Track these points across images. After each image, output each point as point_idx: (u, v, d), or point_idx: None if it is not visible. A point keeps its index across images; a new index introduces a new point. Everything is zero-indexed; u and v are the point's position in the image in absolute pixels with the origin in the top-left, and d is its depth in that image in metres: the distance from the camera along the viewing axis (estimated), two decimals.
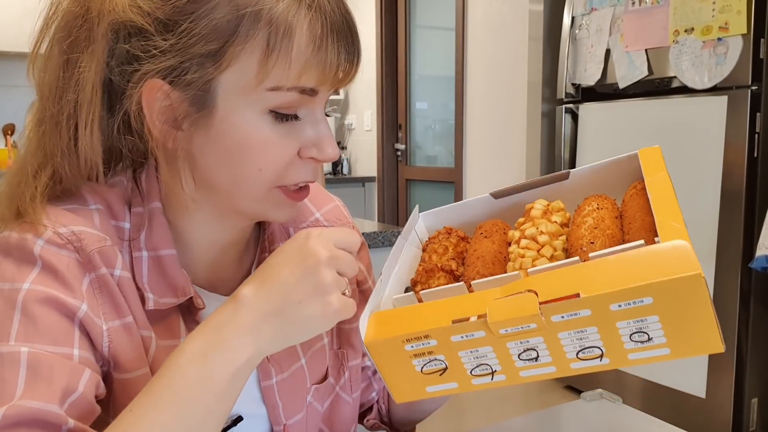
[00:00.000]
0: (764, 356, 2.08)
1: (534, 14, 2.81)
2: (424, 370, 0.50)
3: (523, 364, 0.48)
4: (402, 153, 4.14)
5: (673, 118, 2.14)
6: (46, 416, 0.46)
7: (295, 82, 0.51)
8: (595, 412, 0.85)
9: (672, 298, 0.43)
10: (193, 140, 0.54)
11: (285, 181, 0.56)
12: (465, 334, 0.47)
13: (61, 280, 0.52)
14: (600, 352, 0.46)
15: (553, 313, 0.45)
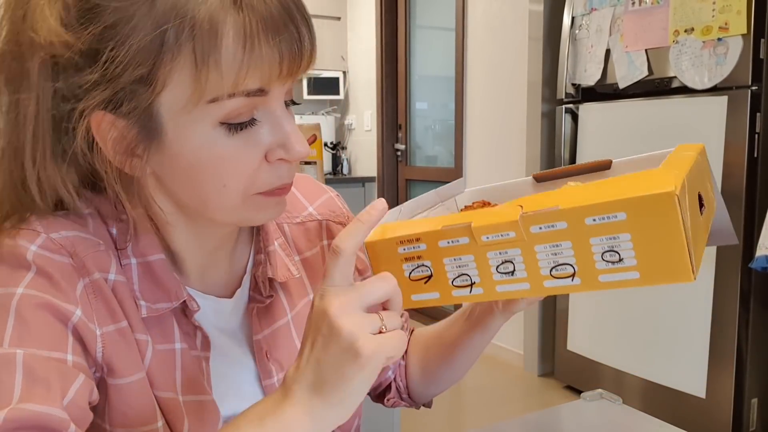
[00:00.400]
0: (764, 356, 2.08)
1: (534, 14, 2.81)
2: (411, 276, 0.53)
3: (500, 277, 0.50)
4: (402, 153, 4.14)
5: (673, 118, 2.14)
6: (48, 420, 0.46)
7: (235, 87, 0.48)
8: (595, 412, 0.85)
9: (644, 216, 0.43)
10: (152, 165, 0.52)
11: (258, 188, 0.54)
12: (451, 239, 0.50)
13: (55, 285, 0.51)
14: (572, 270, 0.47)
15: (532, 223, 0.46)
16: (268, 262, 0.65)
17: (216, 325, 0.63)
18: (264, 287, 0.65)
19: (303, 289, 0.70)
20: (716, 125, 2.00)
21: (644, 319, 2.30)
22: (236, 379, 0.63)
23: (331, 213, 0.74)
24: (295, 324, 0.68)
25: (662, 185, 0.42)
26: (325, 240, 0.73)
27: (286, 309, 0.67)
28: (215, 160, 0.51)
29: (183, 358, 0.59)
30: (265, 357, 0.64)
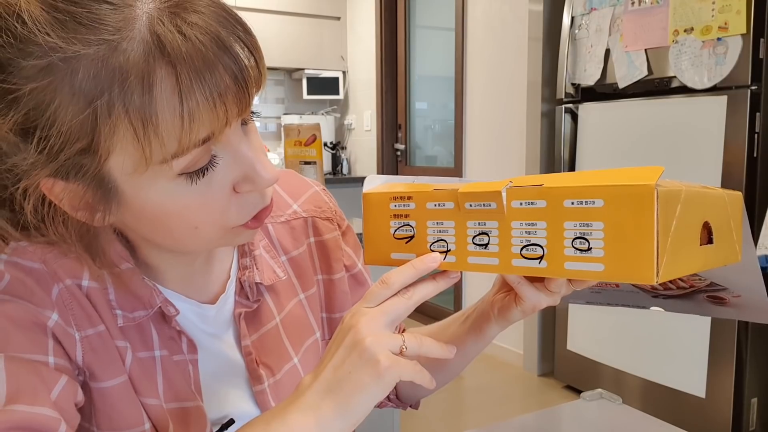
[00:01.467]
0: (764, 356, 2.08)
1: (534, 14, 2.80)
2: (396, 234, 0.55)
3: (473, 248, 0.51)
4: (402, 153, 4.14)
5: (673, 118, 2.14)
6: (40, 420, 0.46)
7: (181, 147, 0.44)
8: (595, 411, 0.85)
9: (620, 207, 0.43)
10: (115, 216, 0.50)
11: (234, 222, 0.51)
12: (438, 202, 0.52)
13: (30, 291, 0.51)
14: (541, 252, 0.47)
15: (515, 197, 0.48)
16: (255, 266, 0.64)
17: (202, 329, 0.62)
18: (251, 292, 0.64)
19: (291, 290, 0.69)
20: (716, 125, 2.00)
21: (644, 318, 2.30)
22: (225, 384, 0.62)
23: (316, 209, 0.73)
24: (284, 326, 0.67)
25: (644, 179, 0.42)
26: (312, 237, 0.72)
27: (274, 312, 0.67)
28: (181, 209, 0.49)
29: (164, 364, 0.58)
30: (254, 362, 0.63)
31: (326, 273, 0.72)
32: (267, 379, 0.64)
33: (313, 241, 0.72)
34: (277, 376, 0.64)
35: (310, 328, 0.70)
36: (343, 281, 0.73)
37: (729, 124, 1.96)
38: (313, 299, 0.71)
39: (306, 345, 0.68)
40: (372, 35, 4.18)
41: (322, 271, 0.72)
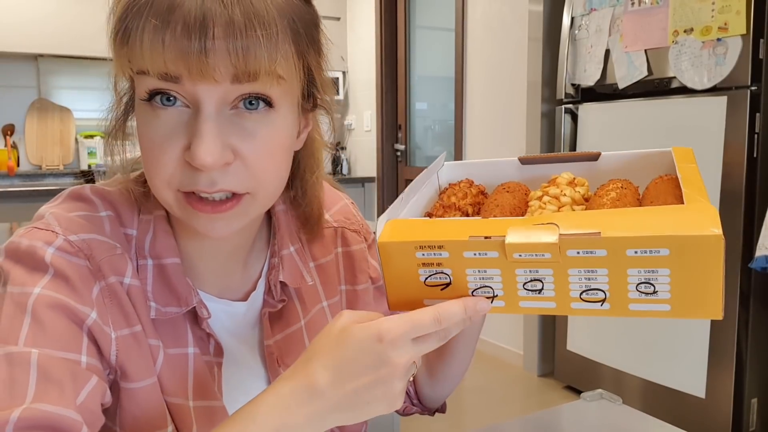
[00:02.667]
0: (764, 356, 2.08)
1: (533, 15, 2.81)
2: (427, 282, 0.50)
3: (525, 294, 0.48)
4: (402, 153, 4.14)
5: (673, 118, 2.14)
6: (61, 421, 0.46)
7: (138, 65, 0.49)
8: (595, 412, 0.85)
9: (688, 255, 0.43)
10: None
11: (178, 185, 0.52)
12: (479, 251, 0.47)
13: (72, 287, 0.52)
14: (603, 296, 0.46)
15: (571, 246, 0.45)
16: (281, 266, 0.65)
17: (229, 329, 0.63)
18: (275, 291, 0.65)
19: (316, 296, 0.70)
20: (716, 125, 2.00)
21: (644, 319, 2.30)
22: (246, 384, 0.63)
23: (346, 220, 0.74)
24: (308, 330, 0.68)
25: (709, 225, 0.42)
26: (340, 247, 0.73)
27: (300, 315, 0.67)
28: (143, 138, 0.53)
29: (195, 362, 0.59)
30: (275, 363, 0.64)
31: (350, 284, 0.73)
32: None
33: (341, 251, 0.73)
34: None
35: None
36: (368, 293, 0.74)
37: (729, 124, 1.96)
38: (335, 308, 0.72)
39: None
40: (372, 35, 4.18)
41: (346, 282, 0.73)
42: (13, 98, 3.75)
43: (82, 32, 3.41)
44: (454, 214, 0.59)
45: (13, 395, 0.46)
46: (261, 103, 0.52)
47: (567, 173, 0.62)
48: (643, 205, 0.57)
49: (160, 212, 0.59)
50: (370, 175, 4.31)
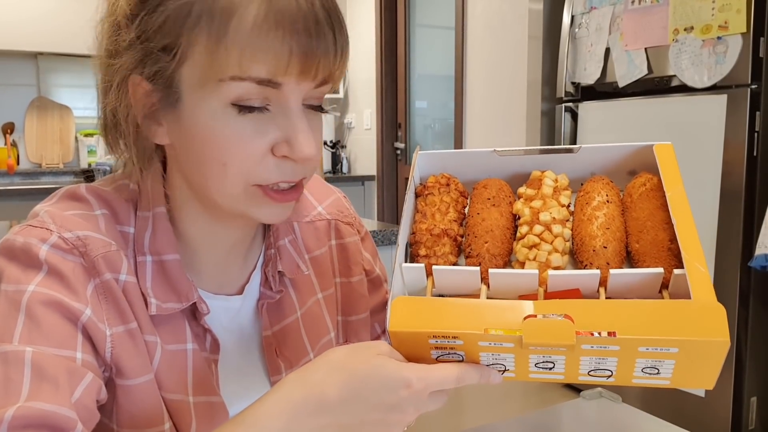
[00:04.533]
0: (763, 355, 2.08)
1: (533, 13, 2.80)
2: (439, 359, 0.52)
3: (536, 370, 0.51)
4: (401, 152, 4.14)
5: (673, 117, 2.14)
6: (56, 419, 0.46)
7: (241, 71, 0.49)
8: (595, 410, 0.85)
9: (695, 353, 0.47)
10: (170, 135, 0.54)
11: (258, 179, 0.53)
12: (494, 342, 0.49)
13: (66, 285, 0.52)
14: (609, 374, 0.50)
15: (585, 343, 0.47)
16: (279, 256, 0.66)
17: (226, 325, 0.63)
18: (274, 282, 0.65)
19: (311, 288, 0.70)
20: (716, 124, 1.99)
21: None
22: (245, 378, 0.63)
23: (339, 213, 0.75)
24: (304, 321, 0.68)
25: (718, 331, 0.46)
26: (334, 240, 0.74)
27: (296, 306, 0.68)
28: (220, 138, 0.51)
29: (194, 358, 0.59)
30: (274, 353, 0.64)
31: (345, 276, 0.74)
32: (285, 370, 0.65)
33: (334, 244, 0.74)
34: (294, 368, 0.65)
35: (325, 328, 0.71)
36: (362, 284, 0.74)
37: (729, 123, 1.96)
38: (330, 300, 0.72)
39: (321, 343, 0.70)
40: (372, 34, 4.17)
41: (340, 274, 0.74)
42: (13, 96, 3.75)
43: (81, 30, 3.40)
44: (444, 243, 0.59)
45: (8, 394, 0.46)
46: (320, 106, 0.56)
47: (549, 175, 0.61)
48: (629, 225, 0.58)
49: (161, 208, 0.59)
50: (369, 174, 4.31)
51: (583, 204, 0.59)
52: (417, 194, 0.65)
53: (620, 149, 0.63)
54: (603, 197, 0.58)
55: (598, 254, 0.55)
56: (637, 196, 0.59)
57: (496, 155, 0.65)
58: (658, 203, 0.57)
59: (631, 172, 0.64)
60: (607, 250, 0.55)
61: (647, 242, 0.55)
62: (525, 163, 0.65)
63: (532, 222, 0.58)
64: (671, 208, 0.54)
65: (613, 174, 0.64)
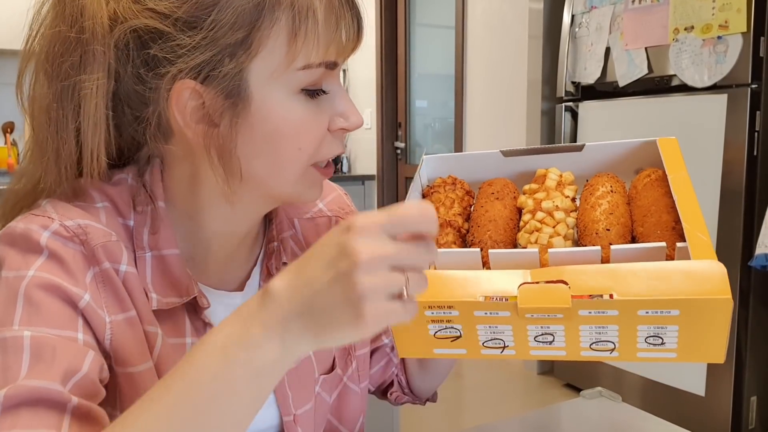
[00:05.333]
0: (763, 354, 2.08)
1: (534, 12, 2.80)
2: (437, 335, 0.51)
3: (536, 344, 0.50)
4: (402, 151, 4.14)
5: (673, 116, 2.14)
6: (48, 395, 0.46)
7: (322, 57, 0.53)
8: (595, 410, 0.85)
9: (698, 315, 0.45)
10: (230, 133, 0.53)
11: (320, 156, 0.57)
12: (490, 311, 0.48)
13: (66, 270, 0.52)
14: (612, 347, 0.48)
15: (583, 307, 0.46)
16: (282, 250, 0.66)
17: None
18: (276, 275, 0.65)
19: None
20: (716, 123, 1.99)
21: None
22: None
23: (340, 210, 0.75)
24: None
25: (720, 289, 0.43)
26: None
27: None
28: (295, 124, 0.54)
29: None
30: None
31: None
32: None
33: None
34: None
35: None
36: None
37: (729, 122, 1.96)
38: None
39: None
40: (372, 33, 4.17)
41: None
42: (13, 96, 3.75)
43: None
44: (447, 232, 0.59)
45: (6, 377, 0.46)
46: None
47: (554, 171, 0.62)
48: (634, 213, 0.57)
49: (159, 204, 0.59)
50: (370, 173, 4.31)
51: (587, 195, 0.59)
52: (423, 195, 0.65)
53: (625, 146, 0.63)
54: (607, 188, 0.58)
55: (600, 236, 0.54)
56: (641, 187, 0.59)
57: (501, 156, 0.66)
58: (663, 191, 0.56)
59: (637, 171, 0.64)
60: (610, 233, 0.54)
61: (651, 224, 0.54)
62: (531, 163, 0.65)
63: (534, 210, 0.58)
64: (673, 188, 0.53)
65: (621, 172, 0.63)
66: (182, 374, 0.42)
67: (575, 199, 0.61)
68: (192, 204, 0.59)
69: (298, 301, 0.41)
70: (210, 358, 0.42)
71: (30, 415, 0.45)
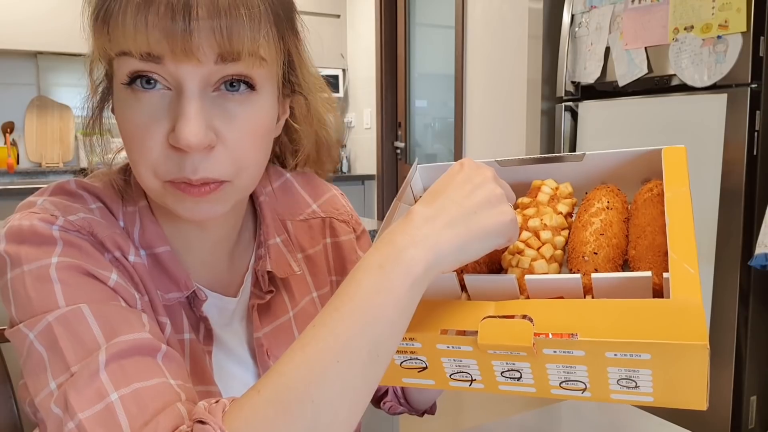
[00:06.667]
0: (763, 354, 2.08)
1: (534, 12, 2.80)
2: (403, 365, 0.50)
3: (504, 380, 0.47)
4: (401, 151, 4.13)
5: (673, 116, 2.14)
6: (142, 343, 0.48)
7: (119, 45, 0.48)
8: (595, 409, 0.85)
9: (671, 360, 0.41)
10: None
11: (164, 174, 0.51)
12: (451, 345, 0.47)
13: (86, 254, 0.52)
14: (583, 386, 0.45)
15: (546, 346, 0.44)
16: (268, 256, 0.65)
17: (218, 323, 0.63)
18: (263, 282, 0.64)
19: (306, 287, 0.69)
20: (716, 123, 1.99)
21: None
22: (237, 377, 0.63)
23: (334, 210, 0.74)
24: (297, 322, 0.67)
25: (694, 333, 0.39)
26: (329, 238, 0.73)
27: (288, 306, 0.67)
28: (126, 122, 0.51)
29: (192, 348, 0.59)
30: (265, 355, 0.64)
31: (340, 274, 0.73)
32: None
33: (329, 242, 0.73)
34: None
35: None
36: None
37: (729, 122, 1.96)
38: (325, 299, 0.71)
39: None
40: (372, 33, 4.17)
41: (336, 273, 0.73)
42: (13, 96, 3.74)
43: (81, 30, 3.40)
44: None
45: (86, 346, 0.47)
46: (243, 85, 0.51)
47: (549, 183, 0.59)
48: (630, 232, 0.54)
49: (144, 203, 0.59)
50: (369, 173, 4.31)
51: (582, 212, 0.56)
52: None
53: (630, 154, 0.59)
54: (603, 203, 0.55)
55: (587, 261, 0.51)
56: (641, 203, 0.55)
57: (498, 166, 0.63)
58: (662, 209, 0.53)
59: (644, 181, 0.60)
60: (598, 257, 0.51)
61: (643, 247, 0.51)
62: (529, 172, 0.62)
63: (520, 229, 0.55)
64: (667, 208, 0.50)
65: (626, 182, 0.60)
66: (348, 295, 0.44)
67: (571, 214, 0.58)
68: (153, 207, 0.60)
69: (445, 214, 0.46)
70: (369, 277, 0.44)
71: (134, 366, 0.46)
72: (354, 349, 0.42)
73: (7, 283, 0.51)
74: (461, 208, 0.47)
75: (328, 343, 0.42)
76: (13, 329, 0.50)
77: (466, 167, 0.50)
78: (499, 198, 0.48)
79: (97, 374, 0.45)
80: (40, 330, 0.48)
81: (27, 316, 0.49)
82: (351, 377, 0.42)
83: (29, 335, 0.48)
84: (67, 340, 0.47)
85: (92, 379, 0.45)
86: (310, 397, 0.41)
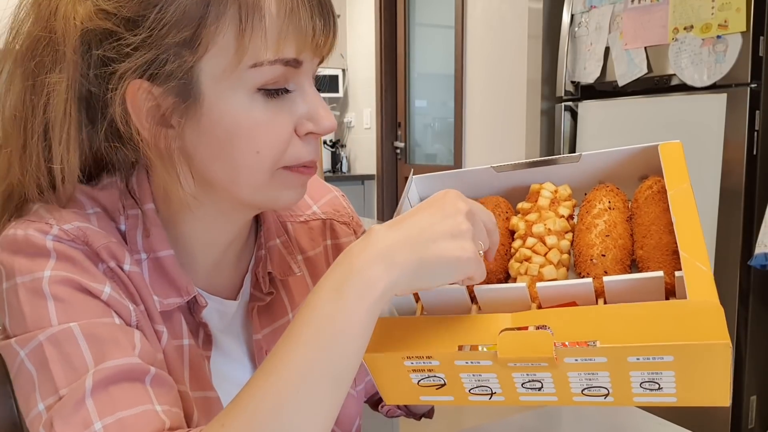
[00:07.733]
0: (763, 353, 2.08)
1: (533, 12, 2.80)
2: (421, 383, 0.50)
3: (525, 391, 0.47)
4: (401, 151, 4.13)
5: (673, 116, 2.14)
6: (131, 368, 0.48)
7: (276, 54, 0.49)
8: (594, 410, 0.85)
9: (694, 360, 0.42)
10: (185, 135, 0.52)
11: (287, 161, 0.54)
12: (470, 360, 0.46)
13: (79, 267, 0.52)
14: (606, 392, 0.46)
15: (567, 355, 0.43)
16: (269, 257, 0.65)
17: (218, 327, 0.63)
18: (264, 283, 0.64)
19: (306, 289, 0.69)
20: (715, 123, 1.99)
21: None
22: (235, 381, 0.63)
23: (335, 212, 0.74)
24: None
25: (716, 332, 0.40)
26: (329, 240, 0.73)
27: (288, 308, 0.67)
28: (252, 126, 0.51)
29: (191, 353, 0.59)
30: (264, 356, 0.64)
31: None
32: None
33: (330, 244, 0.73)
34: None
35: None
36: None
37: (729, 121, 1.96)
38: None
39: None
40: (372, 33, 4.17)
41: None
42: None
43: None
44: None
45: (75, 369, 0.47)
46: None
47: (548, 186, 0.59)
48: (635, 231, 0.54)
49: (148, 206, 0.58)
50: (369, 173, 4.31)
51: (583, 213, 0.56)
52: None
53: (626, 152, 0.59)
54: (605, 204, 0.55)
55: (596, 264, 0.51)
56: (642, 201, 0.55)
57: (494, 172, 0.63)
58: (665, 206, 0.53)
59: (642, 178, 0.60)
60: (606, 259, 0.51)
61: (651, 247, 0.51)
62: (526, 176, 0.62)
63: (525, 236, 0.55)
64: (672, 207, 0.49)
65: (624, 180, 0.60)
66: (306, 319, 0.45)
67: (572, 216, 0.57)
68: (169, 209, 0.59)
69: (404, 235, 0.46)
70: (327, 300, 0.45)
71: (120, 393, 0.46)
72: (314, 378, 0.43)
73: (2, 293, 0.51)
74: (422, 233, 0.46)
75: (290, 373, 0.43)
76: (5, 343, 0.50)
77: (446, 197, 0.49)
78: (463, 233, 0.47)
79: (83, 401, 0.45)
80: (32, 349, 0.48)
81: (19, 331, 0.49)
82: (313, 405, 0.43)
83: (20, 353, 0.49)
84: (57, 362, 0.47)
85: (78, 407, 0.45)
86: (273, 429, 0.42)
